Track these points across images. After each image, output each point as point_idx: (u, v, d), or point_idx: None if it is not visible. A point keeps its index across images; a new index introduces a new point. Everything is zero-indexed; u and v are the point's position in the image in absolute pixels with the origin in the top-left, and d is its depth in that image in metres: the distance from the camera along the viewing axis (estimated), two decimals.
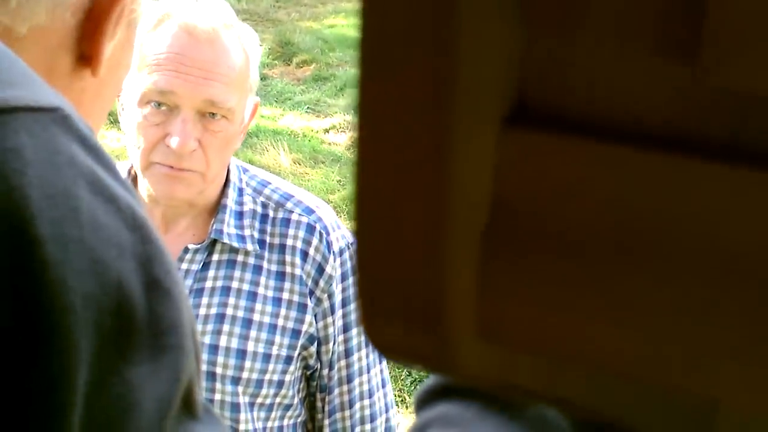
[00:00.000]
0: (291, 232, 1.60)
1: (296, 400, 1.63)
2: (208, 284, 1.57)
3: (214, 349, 1.55)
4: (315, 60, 8.41)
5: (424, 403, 0.63)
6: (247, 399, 1.56)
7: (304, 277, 1.58)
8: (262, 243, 1.59)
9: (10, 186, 0.50)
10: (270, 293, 1.58)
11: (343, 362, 1.64)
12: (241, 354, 1.56)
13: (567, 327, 0.26)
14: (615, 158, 0.24)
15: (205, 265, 1.58)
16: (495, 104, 0.23)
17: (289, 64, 8.27)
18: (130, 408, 0.55)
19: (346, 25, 9.70)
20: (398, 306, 0.27)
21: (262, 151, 6.29)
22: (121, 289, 0.54)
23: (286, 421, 1.62)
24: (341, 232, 1.64)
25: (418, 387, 4.11)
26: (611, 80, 0.24)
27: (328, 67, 8.26)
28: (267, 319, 1.57)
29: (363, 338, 1.67)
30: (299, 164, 6.29)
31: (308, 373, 1.65)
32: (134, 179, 1.60)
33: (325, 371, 1.64)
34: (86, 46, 0.76)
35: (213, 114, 1.49)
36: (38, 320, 0.50)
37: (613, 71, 0.23)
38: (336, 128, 7.04)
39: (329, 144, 6.80)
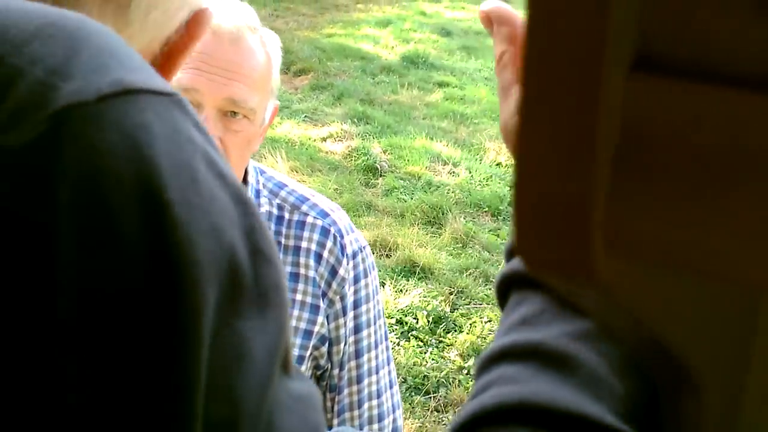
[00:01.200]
0: (306, 234, 1.62)
1: None
2: None
3: None
4: (312, 69, 8.45)
5: (483, 369, 0.67)
6: None
7: (318, 279, 1.61)
8: (277, 244, 1.61)
9: (143, 155, 0.56)
10: None
11: (353, 363, 1.67)
12: None
13: (685, 238, 0.33)
14: (721, 98, 0.31)
15: None
16: (625, 53, 0.30)
17: (286, 73, 8.31)
18: (242, 357, 0.60)
19: (344, 34, 9.74)
20: (548, 224, 0.33)
21: (260, 158, 6.31)
22: (233, 253, 0.60)
23: None
24: (355, 236, 1.67)
25: (413, 393, 4.15)
26: (719, 33, 0.30)
27: (325, 77, 8.29)
28: None
29: (373, 339, 1.70)
30: (296, 172, 6.32)
31: (318, 373, 1.67)
32: None
33: (336, 371, 1.66)
34: (159, 69, 0.84)
35: (234, 113, 1.52)
36: (170, 274, 0.55)
37: (720, 26, 0.30)
38: (333, 137, 7.07)
39: (326, 152, 6.83)
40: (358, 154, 6.73)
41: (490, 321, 4.78)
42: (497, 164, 6.90)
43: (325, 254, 1.62)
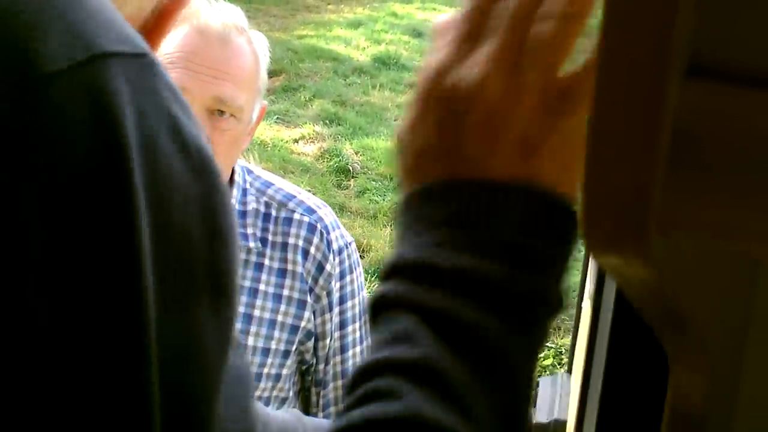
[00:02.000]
0: (293, 231, 1.65)
1: (291, 394, 1.68)
2: None
3: None
4: (284, 71, 8.45)
5: (356, 382, 0.61)
6: None
7: (305, 274, 1.64)
8: (264, 241, 1.64)
9: (109, 127, 0.57)
10: (271, 290, 1.63)
11: (338, 358, 1.70)
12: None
13: (733, 221, 0.41)
14: (764, 100, 0.38)
15: None
16: (682, 63, 0.35)
17: None
18: (195, 342, 0.60)
19: (315, 36, 9.75)
20: (615, 209, 0.39)
21: None
22: (184, 234, 0.60)
23: None
24: (341, 232, 1.70)
25: None
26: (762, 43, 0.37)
27: (297, 78, 8.30)
28: (267, 315, 1.62)
29: (358, 335, 1.72)
30: None
31: (303, 368, 1.70)
32: None
33: (321, 366, 1.69)
34: (147, 38, 0.83)
35: (222, 112, 1.54)
36: (117, 247, 0.56)
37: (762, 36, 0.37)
38: (305, 138, 7.09)
39: (298, 154, 6.84)
40: (331, 156, 6.75)
41: None
42: None
43: (312, 250, 1.65)
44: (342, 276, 1.68)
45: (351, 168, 6.56)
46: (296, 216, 1.66)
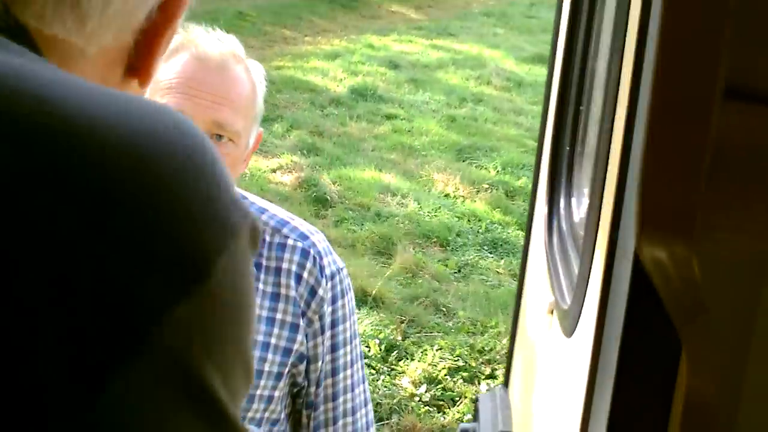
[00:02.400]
0: (286, 256, 1.68)
1: (283, 416, 1.71)
2: None
3: None
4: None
5: None
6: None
7: (298, 298, 1.67)
8: (258, 266, 1.67)
9: None
10: (265, 313, 1.66)
11: (329, 380, 1.73)
12: None
13: (755, 227, 0.54)
14: None
15: None
16: (721, 84, 0.44)
17: None
18: None
19: (293, 67, 9.81)
20: (667, 208, 0.53)
21: None
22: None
23: None
24: (333, 258, 1.73)
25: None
26: None
27: (275, 109, 8.35)
28: (261, 338, 1.65)
29: (349, 358, 1.75)
30: None
31: (295, 390, 1.73)
32: None
33: (312, 389, 1.72)
34: (138, 61, 0.83)
35: (220, 136, 1.58)
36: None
37: None
38: (283, 168, 7.12)
39: (276, 183, 6.88)
40: (308, 186, 6.79)
41: (441, 349, 4.85)
42: (445, 195, 6.99)
43: (305, 275, 1.68)
44: (334, 300, 1.71)
45: (328, 198, 6.60)
46: (290, 242, 1.69)
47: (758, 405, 0.75)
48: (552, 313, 1.30)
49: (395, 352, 4.81)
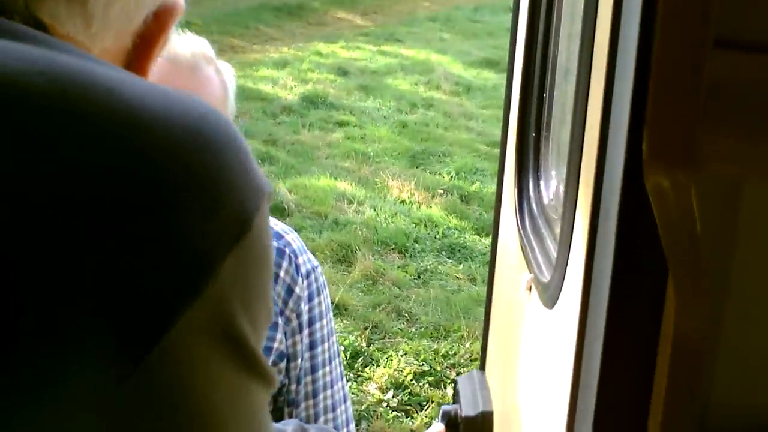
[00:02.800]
0: None
1: None
2: None
3: None
4: None
5: None
6: None
7: (276, 297, 1.67)
8: None
9: None
10: None
11: (309, 378, 1.73)
12: None
13: (748, 156, 0.67)
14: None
15: None
16: (711, 34, 0.51)
17: None
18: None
19: (242, 75, 9.77)
20: (670, 142, 0.64)
21: None
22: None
23: None
24: (308, 256, 1.73)
25: None
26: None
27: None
28: None
29: (327, 355, 1.76)
30: None
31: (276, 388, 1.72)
32: None
33: (293, 386, 1.72)
34: (135, 63, 0.88)
35: None
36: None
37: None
38: None
39: None
40: None
41: (405, 354, 4.85)
42: (401, 201, 7.01)
43: (282, 274, 1.68)
44: (310, 298, 1.71)
45: (285, 207, 6.58)
46: None
47: (735, 338, 0.85)
48: (530, 289, 1.32)
49: (360, 358, 4.80)
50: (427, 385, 4.62)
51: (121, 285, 0.66)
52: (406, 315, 5.32)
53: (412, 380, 4.65)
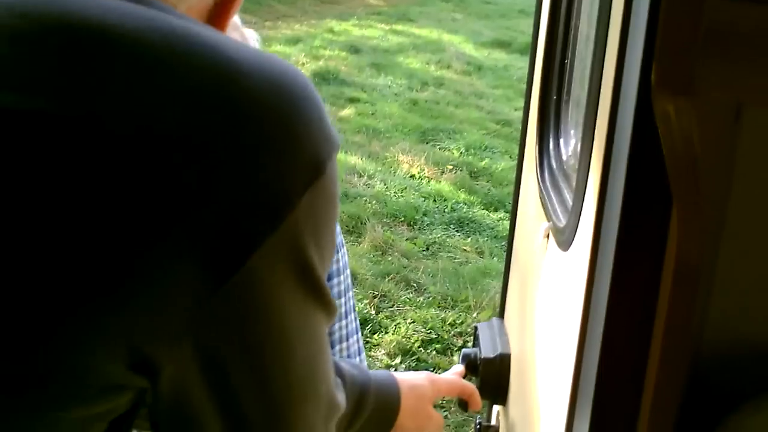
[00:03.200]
0: None
1: None
2: None
3: None
4: None
5: None
6: None
7: None
8: None
9: None
10: None
11: (344, 344, 1.82)
12: None
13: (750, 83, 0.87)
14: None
15: None
16: None
17: None
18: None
19: None
20: (671, 78, 0.84)
21: None
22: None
23: None
24: None
25: None
26: None
27: None
28: None
29: (343, 309, 1.84)
30: None
31: None
32: None
33: None
34: (215, 19, 0.96)
35: None
36: None
37: None
38: None
39: None
40: None
41: (414, 322, 4.95)
42: (411, 176, 7.10)
43: None
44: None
45: None
46: None
47: (731, 268, 0.96)
48: (548, 237, 1.42)
49: (369, 325, 4.91)
50: (434, 353, 4.72)
51: (215, 214, 0.76)
52: (415, 285, 5.41)
53: (419, 347, 4.75)
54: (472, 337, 4.70)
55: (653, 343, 1.01)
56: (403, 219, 6.32)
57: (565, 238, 1.28)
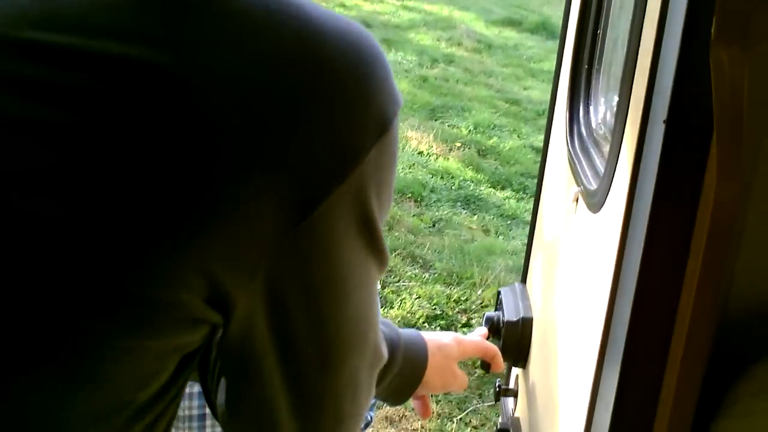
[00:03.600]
0: None
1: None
2: None
3: None
4: None
5: None
6: None
7: None
8: None
9: None
10: None
11: None
12: None
13: None
14: None
15: None
16: None
17: None
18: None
19: None
20: (729, 26, 0.89)
21: None
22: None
23: None
24: None
25: None
26: None
27: None
28: None
29: None
30: None
31: None
32: None
33: None
34: None
35: None
36: None
37: None
38: None
39: None
40: None
41: (419, 297, 4.97)
42: (419, 153, 7.10)
43: None
44: None
45: None
46: None
47: (761, 202, 1.00)
48: (577, 201, 1.44)
49: None
50: (438, 328, 4.74)
51: (293, 160, 0.81)
52: (420, 261, 5.43)
53: (424, 323, 4.77)
54: (475, 316, 4.73)
55: (683, 298, 1.03)
56: (410, 195, 6.33)
57: (596, 201, 1.30)
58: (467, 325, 4.74)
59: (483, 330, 1.73)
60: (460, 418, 4.11)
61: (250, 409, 0.96)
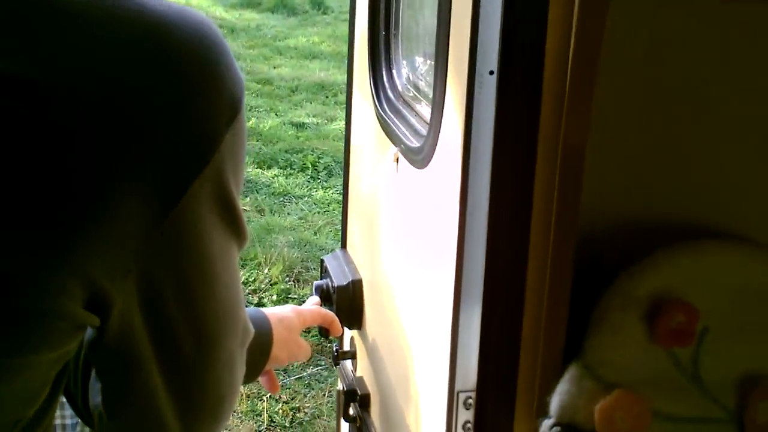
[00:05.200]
0: None
1: None
2: None
3: None
4: None
5: None
6: None
7: None
8: None
9: None
10: None
11: None
12: None
13: None
14: None
15: None
16: None
17: None
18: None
19: None
20: None
21: None
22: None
23: None
24: None
25: None
26: None
27: None
28: None
29: None
30: None
31: None
32: None
33: None
34: None
35: None
36: None
37: None
38: None
39: None
40: None
41: None
42: None
43: None
44: None
45: None
46: None
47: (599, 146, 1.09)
48: (397, 160, 1.51)
49: None
50: None
51: (154, 156, 0.82)
52: None
53: None
54: (266, 295, 4.75)
55: (533, 230, 1.11)
56: None
57: (422, 157, 1.36)
58: (260, 304, 4.76)
59: (315, 298, 1.78)
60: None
61: (132, 406, 0.96)
